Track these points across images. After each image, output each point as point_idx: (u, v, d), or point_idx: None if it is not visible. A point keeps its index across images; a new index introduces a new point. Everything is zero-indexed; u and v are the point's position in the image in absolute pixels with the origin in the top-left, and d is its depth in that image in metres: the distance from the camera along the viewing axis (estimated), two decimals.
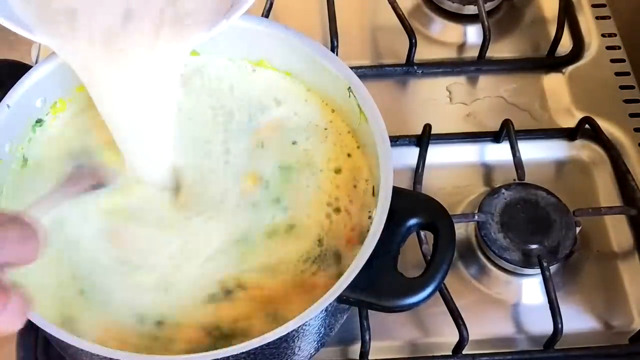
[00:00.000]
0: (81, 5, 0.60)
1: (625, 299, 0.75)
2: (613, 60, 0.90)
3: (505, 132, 0.81)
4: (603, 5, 0.94)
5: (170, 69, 0.61)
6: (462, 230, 0.77)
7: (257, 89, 0.72)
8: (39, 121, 0.69)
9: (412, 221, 0.62)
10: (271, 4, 0.88)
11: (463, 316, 0.70)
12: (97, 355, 0.56)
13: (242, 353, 0.55)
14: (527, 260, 0.73)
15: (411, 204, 0.63)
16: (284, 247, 0.65)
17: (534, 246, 0.74)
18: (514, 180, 0.78)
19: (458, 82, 0.88)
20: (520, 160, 0.79)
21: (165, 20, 0.59)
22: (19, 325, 0.45)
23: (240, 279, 0.64)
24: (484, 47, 0.88)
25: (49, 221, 0.62)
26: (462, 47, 0.92)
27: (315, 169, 0.69)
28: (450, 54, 0.91)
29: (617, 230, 0.79)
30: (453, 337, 0.70)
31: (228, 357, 0.55)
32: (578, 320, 0.74)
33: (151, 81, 0.61)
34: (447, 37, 0.93)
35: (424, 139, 0.81)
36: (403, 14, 0.88)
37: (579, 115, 0.85)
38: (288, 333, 0.56)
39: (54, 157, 0.69)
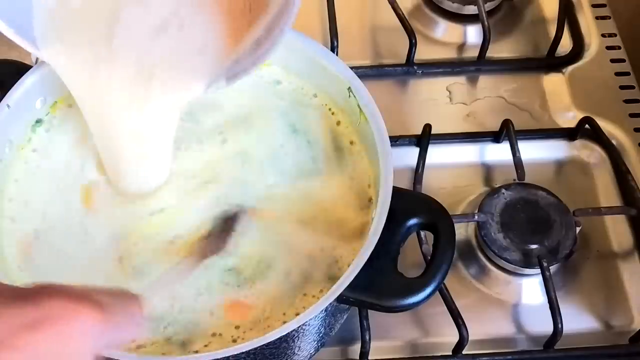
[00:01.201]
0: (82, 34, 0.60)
1: (625, 299, 0.75)
2: (613, 60, 0.90)
3: (505, 132, 0.81)
4: (603, 5, 0.94)
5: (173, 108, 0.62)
6: (462, 230, 0.77)
7: None
8: (38, 121, 0.69)
9: (412, 221, 0.63)
10: None
11: (463, 316, 0.70)
12: None
13: (242, 353, 0.55)
14: (527, 260, 0.73)
15: (411, 204, 0.63)
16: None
17: (534, 246, 0.74)
18: (514, 180, 0.78)
19: (458, 82, 0.88)
20: (520, 160, 0.79)
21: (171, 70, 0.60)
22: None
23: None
24: (484, 47, 0.88)
25: None
26: (462, 47, 0.92)
27: None
28: (450, 54, 0.91)
29: (617, 230, 0.79)
30: (453, 337, 0.70)
31: (228, 357, 0.55)
32: (578, 320, 0.73)
33: (151, 116, 0.62)
34: (447, 37, 0.93)
35: (424, 139, 0.81)
36: (403, 14, 0.88)
37: (579, 115, 0.85)
38: (288, 333, 0.56)
39: (54, 158, 0.68)
